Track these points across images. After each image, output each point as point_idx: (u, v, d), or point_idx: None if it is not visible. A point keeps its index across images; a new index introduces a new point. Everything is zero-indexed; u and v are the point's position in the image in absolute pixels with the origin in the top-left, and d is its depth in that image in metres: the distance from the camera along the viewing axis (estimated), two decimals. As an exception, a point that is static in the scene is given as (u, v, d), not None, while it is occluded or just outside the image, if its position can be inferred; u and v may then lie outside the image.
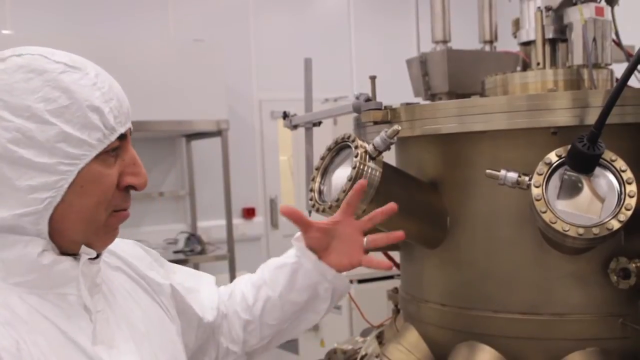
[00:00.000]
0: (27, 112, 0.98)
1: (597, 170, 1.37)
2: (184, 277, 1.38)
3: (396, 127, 1.45)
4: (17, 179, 0.99)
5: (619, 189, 1.35)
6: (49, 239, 1.03)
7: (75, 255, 1.08)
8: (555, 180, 1.38)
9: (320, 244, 1.40)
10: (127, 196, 1.09)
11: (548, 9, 1.85)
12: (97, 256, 1.11)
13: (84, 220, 1.04)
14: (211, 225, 5.77)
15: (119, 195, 1.07)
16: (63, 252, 1.06)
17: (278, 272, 1.40)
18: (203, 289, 1.40)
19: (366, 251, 1.42)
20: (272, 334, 1.44)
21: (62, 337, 1.03)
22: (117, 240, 1.23)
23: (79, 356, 1.03)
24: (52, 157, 0.99)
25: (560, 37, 1.87)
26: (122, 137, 1.06)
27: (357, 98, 1.70)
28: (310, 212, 1.69)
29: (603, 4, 1.83)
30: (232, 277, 5.33)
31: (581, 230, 1.31)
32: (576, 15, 1.78)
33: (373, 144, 1.47)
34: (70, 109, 1.00)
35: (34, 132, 0.98)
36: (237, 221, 5.90)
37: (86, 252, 1.07)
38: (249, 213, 6.29)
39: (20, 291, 1.02)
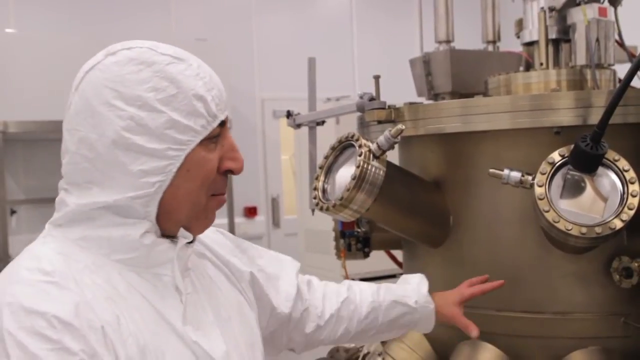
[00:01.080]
0: (139, 101, 1.04)
1: (600, 169, 1.37)
2: (268, 262, 1.41)
3: (400, 126, 1.46)
4: (130, 164, 1.05)
5: (621, 189, 1.35)
6: (154, 222, 1.09)
7: (172, 238, 1.13)
8: (558, 180, 1.38)
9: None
10: (226, 180, 1.15)
11: (551, 9, 1.85)
12: (192, 241, 1.16)
13: (189, 203, 1.10)
14: (213, 224, 5.78)
15: (219, 179, 1.13)
16: (163, 235, 1.12)
17: (395, 305, 1.49)
18: (283, 278, 1.42)
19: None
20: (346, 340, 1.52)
21: (156, 315, 1.08)
22: (210, 233, 1.31)
23: (169, 334, 1.08)
24: (162, 143, 1.05)
25: (563, 37, 1.87)
26: (222, 124, 1.12)
27: (361, 97, 1.71)
28: (313, 210, 1.70)
29: (606, 4, 1.83)
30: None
31: (584, 230, 1.32)
32: (579, 16, 1.78)
33: (377, 143, 1.48)
34: (177, 98, 1.06)
35: (145, 120, 1.04)
36: (239, 220, 5.91)
37: (184, 236, 1.13)
38: (250, 212, 6.30)
39: (120, 268, 1.08)
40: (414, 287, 1.51)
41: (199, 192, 1.10)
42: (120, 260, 1.08)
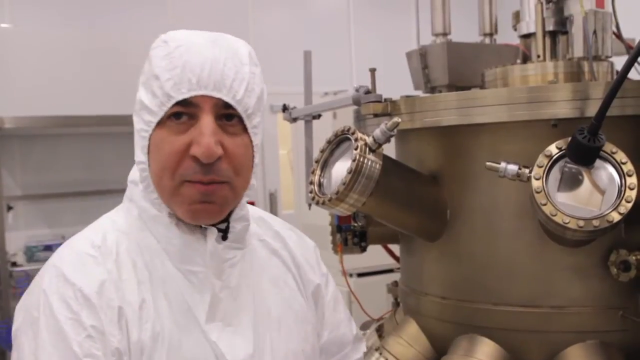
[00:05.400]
0: (139, 86, 1.12)
1: (598, 162, 1.36)
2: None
3: (396, 119, 1.45)
4: (136, 143, 1.11)
5: (619, 181, 1.34)
6: (165, 206, 1.11)
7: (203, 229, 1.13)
8: (555, 173, 1.37)
9: None
10: (198, 167, 1.06)
11: (548, 1, 1.84)
12: (226, 232, 1.15)
13: (156, 184, 1.10)
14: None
15: (189, 164, 1.06)
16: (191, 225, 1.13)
17: None
18: (343, 325, 1.41)
19: None
20: None
21: (185, 307, 1.10)
22: (294, 235, 1.31)
23: (193, 327, 1.09)
24: (139, 123, 1.10)
25: (560, 29, 1.86)
26: (191, 105, 1.06)
27: (357, 90, 1.70)
28: (310, 205, 1.69)
29: (604, -4, 1.82)
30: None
31: (581, 223, 1.31)
32: (576, 7, 1.77)
33: (373, 137, 1.47)
34: (149, 80, 1.08)
35: (136, 103, 1.11)
36: (237, 215, 5.91)
37: (208, 227, 1.13)
38: (248, 207, 6.30)
39: (164, 257, 1.11)
40: None
41: (160, 174, 1.08)
42: (164, 249, 1.11)
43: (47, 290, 1.03)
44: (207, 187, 1.07)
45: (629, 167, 1.34)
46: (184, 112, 1.06)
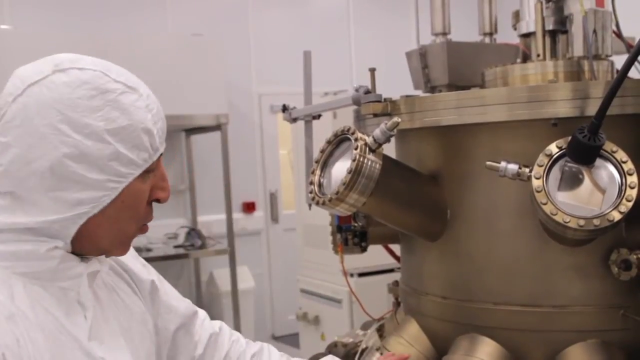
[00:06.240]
0: (87, 129, 1.01)
1: (598, 161, 1.36)
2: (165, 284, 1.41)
3: (396, 119, 1.45)
4: (63, 189, 1.01)
5: (619, 180, 1.34)
6: (68, 242, 1.07)
7: (83, 256, 1.11)
8: (555, 172, 1.37)
9: None
10: (151, 210, 1.15)
11: (548, 0, 1.84)
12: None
13: (116, 231, 1.10)
14: (211, 220, 5.77)
15: (149, 210, 1.14)
16: (74, 253, 1.10)
17: None
18: (176, 299, 1.41)
19: None
20: None
21: (60, 331, 1.05)
22: None
23: (74, 351, 1.06)
24: (103, 174, 1.03)
25: (560, 28, 1.86)
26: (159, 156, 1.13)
27: (357, 90, 1.70)
28: (310, 205, 1.68)
29: (603, -6, 1.82)
30: (233, 271, 5.32)
31: (582, 222, 1.31)
32: (576, 6, 1.77)
33: (373, 137, 1.47)
34: (126, 130, 1.04)
35: (90, 149, 1.01)
36: (237, 215, 5.90)
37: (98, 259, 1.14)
38: (249, 207, 6.29)
39: (25, 281, 1.04)
40: None
41: (128, 222, 1.09)
42: (24, 273, 1.04)
43: None
44: (146, 226, 1.16)
45: (629, 165, 1.34)
46: (157, 163, 1.12)
